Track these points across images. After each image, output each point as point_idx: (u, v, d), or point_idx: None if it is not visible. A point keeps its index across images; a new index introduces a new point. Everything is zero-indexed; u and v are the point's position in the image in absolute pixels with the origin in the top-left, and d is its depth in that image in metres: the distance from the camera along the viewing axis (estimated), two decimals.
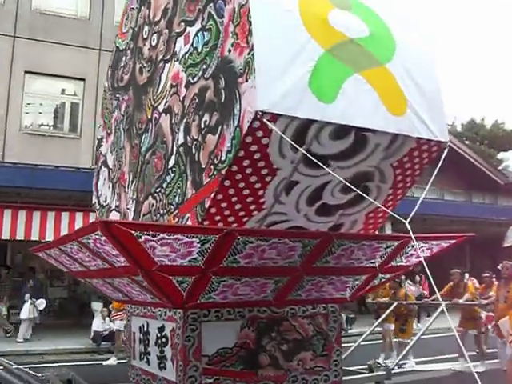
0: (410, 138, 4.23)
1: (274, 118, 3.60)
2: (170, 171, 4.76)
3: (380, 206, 4.53)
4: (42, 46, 13.78)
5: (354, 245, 4.47)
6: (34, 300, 12.19)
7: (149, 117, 5.39)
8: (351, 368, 6.27)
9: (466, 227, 16.00)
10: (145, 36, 5.76)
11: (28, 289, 12.49)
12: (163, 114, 5.00)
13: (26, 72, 13.80)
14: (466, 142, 25.36)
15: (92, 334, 10.62)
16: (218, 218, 4.17)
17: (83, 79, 14.04)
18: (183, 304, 4.39)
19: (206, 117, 4.16)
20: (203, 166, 4.16)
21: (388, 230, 17.29)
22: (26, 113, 14.16)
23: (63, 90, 14.73)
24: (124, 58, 6.43)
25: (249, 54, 3.67)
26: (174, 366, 4.57)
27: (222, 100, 3.95)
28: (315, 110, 3.75)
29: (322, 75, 3.86)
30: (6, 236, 11.69)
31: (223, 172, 3.87)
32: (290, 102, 3.65)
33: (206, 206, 4.08)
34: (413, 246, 4.87)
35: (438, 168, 4.22)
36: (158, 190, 5.02)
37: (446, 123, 4.52)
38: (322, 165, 3.83)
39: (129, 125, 6.04)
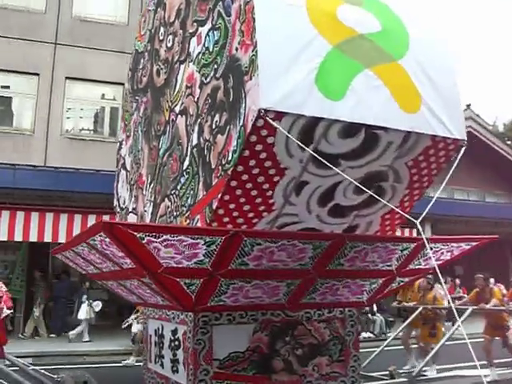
0: (425, 135, 4.05)
1: (279, 116, 3.51)
2: (185, 173, 4.73)
3: (394, 207, 4.37)
4: (82, 52, 13.98)
5: (368, 247, 4.32)
6: (91, 301, 12.29)
7: (166, 119, 5.39)
8: (372, 374, 6.10)
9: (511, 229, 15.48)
10: (161, 37, 5.78)
11: (85, 290, 12.65)
12: (179, 116, 4.98)
13: (67, 78, 14.05)
14: (508, 143, 24.47)
15: (132, 335, 10.69)
16: (226, 219, 4.10)
17: (122, 84, 14.13)
18: (193, 307, 4.33)
19: (217, 117, 4.11)
20: (213, 167, 4.11)
21: (428, 232, 16.94)
22: (67, 118, 14.40)
23: (103, 95, 14.85)
24: (142, 61, 6.47)
25: (253, 51, 3.61)
26: (186, 369, 4.52)
27: (230, 99, 3.90)
28: (322, 108, 3.64)
29: (330, 72, 3.74)
30: (48, 239, 11.90)
31: (229, 172, 3.80)
32: (295, 99, 3.56)
33: (214, 207, 4.02)
34: (431, 249, 4.68)
35: (453, 167, 4.02)
36: (172, 192, 5.00)
37: (463, 120, 4.32)
38: (330, 165, 3.69)
39: (147, 127, 6.05)
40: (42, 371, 5.01)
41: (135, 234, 3.47)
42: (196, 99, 4.59)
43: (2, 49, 13.46)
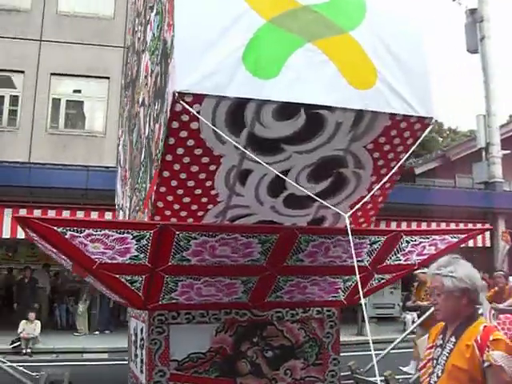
0: (381, 114, 3.62)
1: (199, 99, 3.24)
2: (142, 165, 4.57)
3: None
4: None
5: (328, 241, 3.93)
6: None
7: (136, 111, 5.26)
8: (370, 379, 5.61)
9: None
10: (136, 29, 5.65)
11: None
12: (141, 107, 4.82)
13: None
14: None
15: None
16: (168, 212, 3.88)
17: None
18: (144, 305, 4.15)
19: (157, 105, 3.90)
20: (153, 157, 3.90)
21: (502, 227, 15.78)
22: None
23: None
24: (129, 55, 6.39)
25: (173, 31, 3.34)
26: (144, 370, 4.34)
27: (162, 85, 3.67)
28: (250, 88, 3.33)
29: (261, 48, 3.41)
30: None
31: (160, 162, 3.57)
32: (217, 80, 3.27)
33: (153, 200, 3.80)
34: (408, 242, 4.19)
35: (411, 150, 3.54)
36: (136, 186, 4.86)
37: (431, 96, 3.79)
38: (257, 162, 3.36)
39: (129, 121, 5.97)
40: (21, 369, 5.03)
41: (55, 228, 3.32)
42: (149, 88, 4.40)
43: (74, 54, 14.10)
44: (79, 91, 15.21)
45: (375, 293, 5.24)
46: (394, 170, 3.90)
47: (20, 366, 5.30)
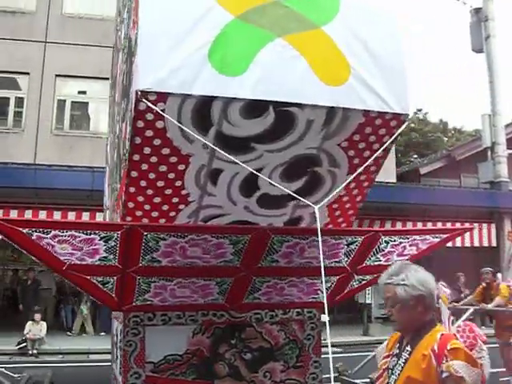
0: (354, 111, 3.54)
1: (162, 97, 3.18)
2: (116, 165, 4.53)
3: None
4: None
5: (303, 241, 3.85)
6: None
7: (113, 111, 5.23)
8: (356, 381, 5.53)
9: None
10: (118, 28, 5.61)
11: None
12: (116, 107, 4.79)
13: None
14: None
15: None
16: (139, 213, 3.83)
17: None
18: (118, 306, 4.10)
19: (124, 104, 3.85)
20: (121, 158, 3.85)
21: (507, 226, 15.60)
22: None
23: None
24: (113, 55, 6.36)
25: (137, 28, 3.29)
26: (120, 371, 4.30)
27: (127, 83, 3.62)
28: (215, 85, 3.26)
29: (228, 45, 3.35)
30: None
31: (127, 162, 3.52)
32: (182, 77, 3.21)
33: (123, 200, 3.76)
34: (387, 243, 4.10)
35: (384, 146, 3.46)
36: (113, 186, 4.82)
37: (407, 92, 3.71)
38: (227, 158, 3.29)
39: (112, 120, 5.94)
40: (2, 369, 5.02)
41: (20, 229, 3.29)
42: (120, 87, 4.36)
43: (78, 55, 14.20)
44: (84, 92, 15.31)
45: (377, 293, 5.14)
46: (367, 163, 3.78)
47: (26, 366, 5.30)
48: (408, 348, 2.10)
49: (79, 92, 15.53)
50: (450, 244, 16.32)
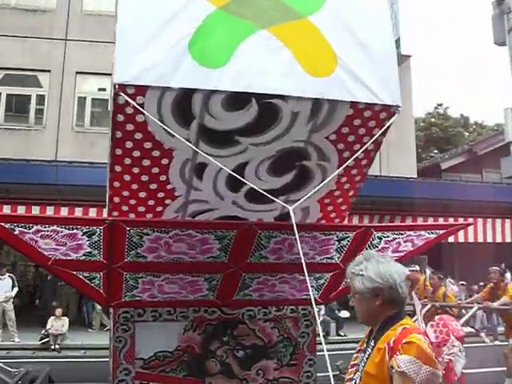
0: (341, 102, 3.44)
1: (141, 90, 3.15)
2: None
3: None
4: None
5: (291, 237, 3.78)
6: None
7: None
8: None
9: None
10: None
11: None
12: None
13: None
14: None
15: None
16: (125, 208, 3.82)
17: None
18: (107, 302, 4.11)
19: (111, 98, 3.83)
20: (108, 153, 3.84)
21: None
22: None
23: None
24: None
25: (116, 21, 3.26)
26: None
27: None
28: (195, 78, 3.21)
29: (210, 36, 3.29)
30: None
31: (111, 156, 3.50)
32: (161, 70, 3.17)
33: (109, 195, 3.75)
34: (380, 239, 4.00)
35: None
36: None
37: (398, 83, 3.60)
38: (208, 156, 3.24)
39: None
40: (0, 364, 5.09)
41: (2, 224, 3.30)
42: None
43: (99, 52, 14.34)
44: (104, 89, 15.40)
45: None
46: (354, 157, 3.65)
47: (49, 361, 5.34)
48: (371, 343, 2.04)
49: (99, 89, 15.65)
50: (471, 239, 15.94)
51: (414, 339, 1.83)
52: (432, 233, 4.11)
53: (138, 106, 3.12)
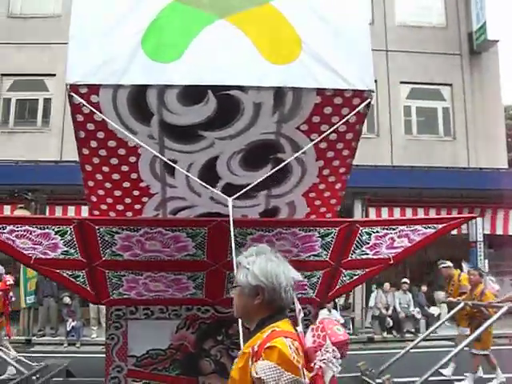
0: (305, 90, 3.28)
1: (95, 89, 3.20)
2: None
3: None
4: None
5: (268, 233, 3.68)
6: None
7: None
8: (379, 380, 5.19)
9: None
10: None
11: None
12: None
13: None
14: None
15: None
16: (104, 206, 3.92)
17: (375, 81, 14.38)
18: (96, 299, 4.24)
19: None
20: None
21: None
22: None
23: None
24: None
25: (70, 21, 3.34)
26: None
27: None
28: (148, 73, 3.21)
29: (163, 30, 3.28)
30: None
31: (79, 156, 3.60)
32: (114, 68, 3.20)
33: (86, 194, 3.86)
34: (369, 234, 3.78)
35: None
36: None
37: (371, 67, 3.35)
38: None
39: None
40: (20, 358, 5.41)
41: None
42: None
43: None
44: None
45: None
46: (322, 137, 3.43)
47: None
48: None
49: None
50: None
51: (276, 343, 1.70)
52: (429, 227, 3.81)
53: (90, 107, 3.17)
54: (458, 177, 12.52)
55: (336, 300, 11.94)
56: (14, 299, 9.39)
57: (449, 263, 7.05)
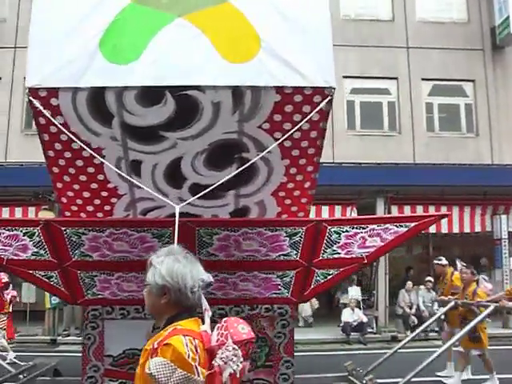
0: (264, 88, 3.30)
1: (54, 92, 3.27)
2: None
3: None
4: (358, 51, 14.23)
5: (233, 233, 3.71)
6: None
7: None
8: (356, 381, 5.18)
9: None
10: None
11: None
12: None
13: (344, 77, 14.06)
14: None
15: (342, 324, 11.20)
16: (74, 208, 3.99)
17: (396, 78, 14.41)
18: (72, 299, 4.33)
19: None
20: None
21: None
22: None
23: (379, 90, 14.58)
24: None
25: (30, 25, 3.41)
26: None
27: None
28: (106, 76, 3.26)
29: (121, 32, 3.33)
30: None
31: (46, 159, 3.68)
32: (72, 71, 3.26)
33: (56, 196, 3.94)
34: (338, 233, 3.78)
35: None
36: None
37: (331, 63, 3.34)
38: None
39: None
40: (11, 358, 5.53)
41: None
42: None
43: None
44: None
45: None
46: (285, 137, 3.44)
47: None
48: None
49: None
50: None
51: (173, 341, 1.73)
52: (401, 226, 3.79)
53: (46, 113, 3.25)
54: (481, 174, 12.34)
55: (359, 299, 12.01)
56: (18, 300, 9.62)
57: (443, 260, 6.97)
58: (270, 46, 3.32)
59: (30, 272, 4.05)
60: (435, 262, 7.10)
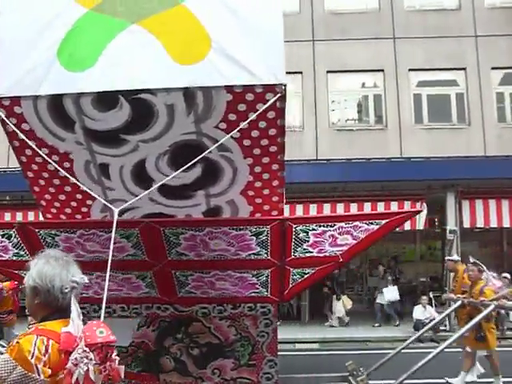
0: (213, 88, 3.40)
1: (16, 101, 3.53)
2: None
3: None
4: (339, 45, 14.66)
5: (198, 233, 3.84)
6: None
7: None
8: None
9: None
10: None
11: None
12: None
13: (328, 72, 14.68)
14: None
15: (414, 322, 11.31)
16: (54, 210, 4.25)
17: (381, 70, 14.47)
18: None
19: None
20: None
21: None
22: (332, 110, 14.98)
23: (363, 84, 15.09)
24: None
25: None
26: None
27: None
28: (62, 83, 3.47)
29: (78, 40, 3.52)
30: None
31: (20, 164, 3.95)
32: (32, 79, 3.50)
33: (35, 199, 4.21)
34: (306, 232, 3.82)
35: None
36: None
37: (282, 60, 3.38)
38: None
39: None
40: None
41: None
42: None
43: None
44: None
45: None
46: (234, 132, 3.50)
47: None
48: None
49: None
50: None
51: (22, 340, 1.94)
52: (372, 223, 3.77)
53: (9, 122, 3.49)
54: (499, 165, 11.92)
55: (431, 296, 11.81)
56: None
57: (455, 256, 6.78)
58: (220, 46, 3.41)
59: (16, 272, 4.36)
60: (446, 258, 6.92)
